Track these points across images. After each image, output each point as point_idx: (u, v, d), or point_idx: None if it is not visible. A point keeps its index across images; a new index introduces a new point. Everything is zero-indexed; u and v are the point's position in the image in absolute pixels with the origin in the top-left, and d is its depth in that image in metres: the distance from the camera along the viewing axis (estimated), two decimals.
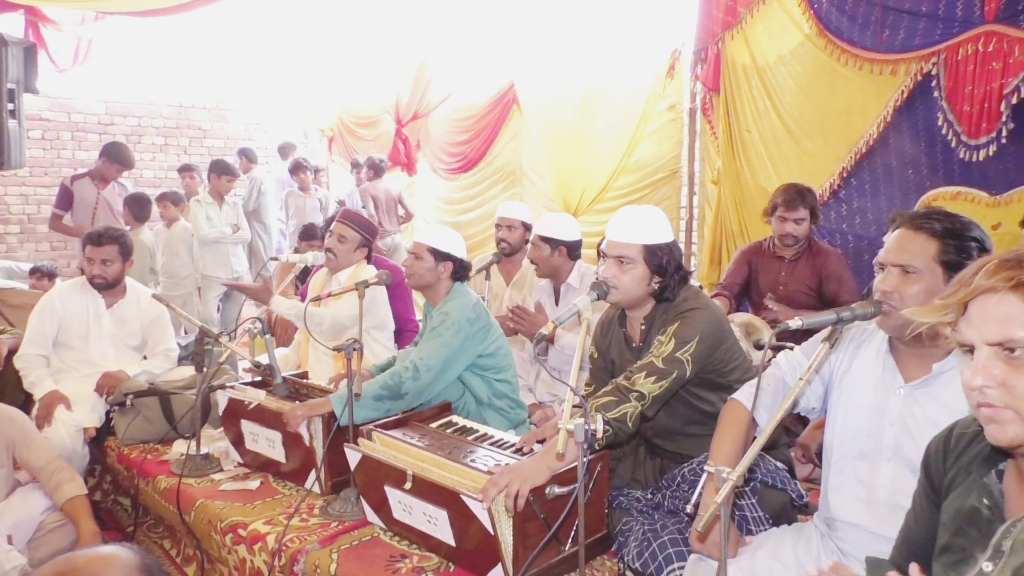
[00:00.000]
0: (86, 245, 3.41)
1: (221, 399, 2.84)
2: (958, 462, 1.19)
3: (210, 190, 5.89)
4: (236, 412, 2.79)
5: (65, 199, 5.42)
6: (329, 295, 2.87)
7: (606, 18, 5.56)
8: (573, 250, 3.38)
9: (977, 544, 1.08)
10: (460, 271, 2.86)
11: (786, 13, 4.53)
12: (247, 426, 2.76)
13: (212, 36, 7.53)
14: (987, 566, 1.04)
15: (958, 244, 1.53)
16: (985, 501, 1.11)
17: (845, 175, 4.29)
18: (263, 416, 2.68)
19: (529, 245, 3.51)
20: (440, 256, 2.81)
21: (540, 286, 3.59)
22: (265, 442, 2.71)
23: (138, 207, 5.52)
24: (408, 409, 2.63)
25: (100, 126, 8.11)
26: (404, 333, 3.73)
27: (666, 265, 2.12)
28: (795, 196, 3.45)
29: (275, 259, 3.88)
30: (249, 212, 6.84)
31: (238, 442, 2.84)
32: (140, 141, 8.31)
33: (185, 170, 6.69)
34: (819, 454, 2.65)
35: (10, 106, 4.22)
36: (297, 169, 7.35)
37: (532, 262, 3.49)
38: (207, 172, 6.05)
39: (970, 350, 1.06)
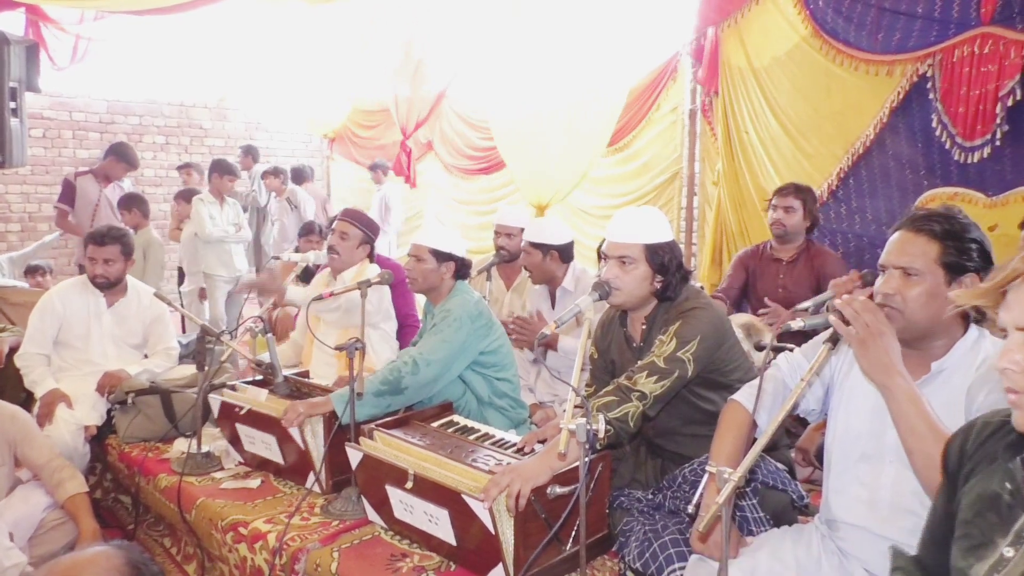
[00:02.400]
0: (88, 244, 3.41)
1: (213, 403, 2.84)
2: (981, 449, 1.19)
3: (211, 189, 5.91)
4: (230, 416, 2.79)
5: (68, 194, 5.42)
6: (331, 294, 2.88)
7: (598, 16, 5.55)
8: (564, 252, 3.40)
9: (996, 530, 1.09)
10: (462, 270, 2.87)
11: (781, 14, 4.54)
12: (242, 429, 2.76)
13: (213, 35, 7.53)
14: (1008, 551, 1.04)
15: (958, 246, 1.54)
16: (1007, 485, 1.11)
17: (843, 175, 4.31)
18: (256, 420, 2.69)
19: (522, 253, 3.52)
20: (442, 257, 2.81)
21: (536, 291, 3.59)
22: (262, 444, 2.72)
23: (145, 206, 5.51)
24: (410, 404, 2.64)
25: (101, 125, 8.11)
26: (405, 328, 3.73)
27: (667, 264, 2.13)
28: (789, 186, 3.56)
29: (277, 258, 3.89)
30: (258, 208, 6.92)
31: (235, 442, 2.85)
32: (141, 140, 8.31)
33: (184, 168, 6.69)
34: (818, 456, 2.66)
35: (12, 104, 4.22)
36: (264, 175, 7.42)
37: (526, 269, 3.50)
38: (208, 171, 6.07)
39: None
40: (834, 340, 1.55)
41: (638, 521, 2.00)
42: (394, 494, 2.15)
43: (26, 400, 3.30)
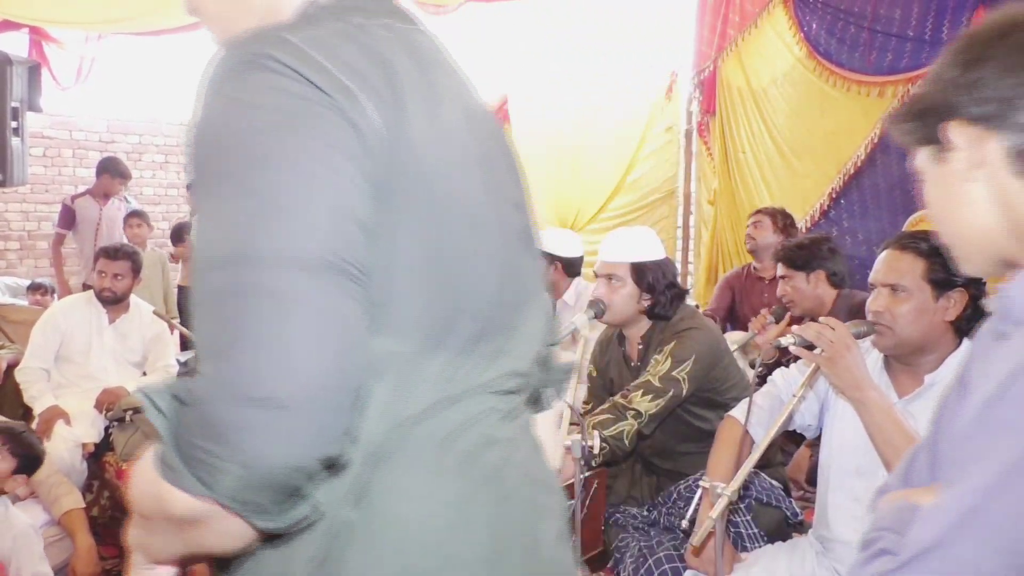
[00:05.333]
0: (99, 258, 3.45)
1: None
2: None
3: None
4: None
5: (67, 219, 5.44)
6: None
7: (605, 38, 5.61)
8: (570, 266, 3.40)
9: None
10: None
11: (778, 36, 4.62)
12: None
13: (214, 54, 7.59)
14: None
15: (944, 262, 1.57)
16: None
17: (835, 196, 4.36)
18: None
19: None
20: None
21: None
22: None
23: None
24: None
25: (101, 144, 8.15)
26: None
27: (654, 283, 2.16)
28: (760, 208, 3.78)
29: None
30: None
31: None
32: (141, 159, 8.35)
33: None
34: (809, 480, 2.67)
35: (14, 124, 4.24)
36: None
37: None
38: None
39: None
40: None
41: (633, 537, 2.01)
42: None
43: (24, 416, 3.30)
